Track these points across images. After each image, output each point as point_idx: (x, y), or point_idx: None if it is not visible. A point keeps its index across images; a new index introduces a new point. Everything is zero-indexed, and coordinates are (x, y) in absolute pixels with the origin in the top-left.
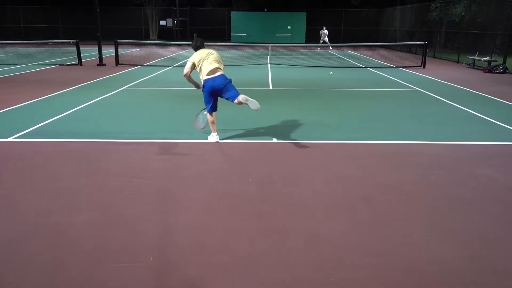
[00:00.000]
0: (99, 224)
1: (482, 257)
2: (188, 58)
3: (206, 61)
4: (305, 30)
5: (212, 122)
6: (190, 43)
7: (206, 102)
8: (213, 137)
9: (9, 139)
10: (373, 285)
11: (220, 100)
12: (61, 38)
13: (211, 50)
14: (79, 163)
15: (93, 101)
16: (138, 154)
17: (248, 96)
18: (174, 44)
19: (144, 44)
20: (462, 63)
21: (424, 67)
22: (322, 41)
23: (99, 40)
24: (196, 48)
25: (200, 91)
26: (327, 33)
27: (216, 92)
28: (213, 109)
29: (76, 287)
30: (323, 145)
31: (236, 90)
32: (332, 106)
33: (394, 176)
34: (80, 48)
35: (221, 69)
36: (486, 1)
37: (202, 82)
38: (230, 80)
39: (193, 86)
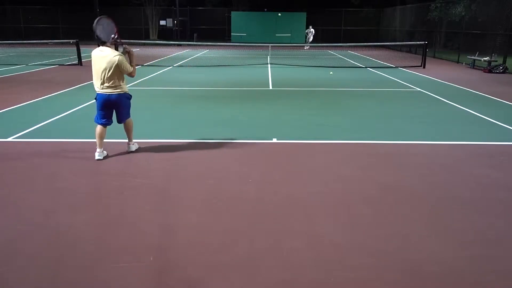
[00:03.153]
0: (99, 224)
1: (482, 257)
2: (188, 58)
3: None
4: (305, 30)
5: (100, 136)
6: (190, 43)
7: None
8: (97, 154)
9: (9, 139)
10: (373, 285)
11: (219, 101)
12: (61, 38)
13: (103, 49)
14: (79, 163)
15: (93, 101)
16: (138, 154)
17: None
18: (174, 44)
19: (144, 44)
20: (462, 63)
21: (424, 67)
22: (308, 40)
23: None
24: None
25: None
26: (313, 32)
27: (109, 106)
28: (102, 121)
29: (76, 287)
30: (323, 145)
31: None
32: (332, 106)
33: (394, 176)
34: (80, 48)
35: (116, 85)
36: (486, 1)
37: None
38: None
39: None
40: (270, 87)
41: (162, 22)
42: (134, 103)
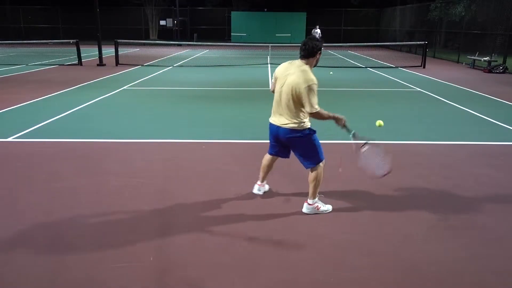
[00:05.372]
0: (99, 224)
1: (482, 257)
2: (188, 58)
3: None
4: (305, 30)
5: (264, 166)
6: (190, 43)
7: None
8: (256, 187)
9: (9, 139)
10: (373, 285)
11: (219, 101)
12: (61, 38)
13: (297, 65)
14: (79, 163)
15: (93, 101)
16: (138, 154)
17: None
18: (174, 44)
19: (144, 44)
20: (462, 63)
21: (424, 67)
22: None
23: (99, 40)
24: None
25: None
26: (319, 32)
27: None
28: (271, 150)
29: (76, 287)
30: (322, 145)
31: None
32: (332, 106)
33: (394, 176)
34: (80, 48)
35: (288, 116)
36: (486, 1)
37: None
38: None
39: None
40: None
41: (162, 22)
42: (134, 103)
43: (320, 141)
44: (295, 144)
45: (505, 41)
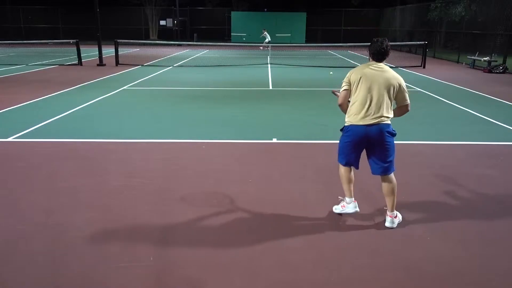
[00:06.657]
0: (99, 224)
1: (482, 257)
2: (188, 58)
3: (365, 86)
4: (305, 30)
5: (348, 181)
6: (190, 43)
7: (341, 152)
8: (348, 207)
9: (9, 139)
10: (373, 285)
11: (219, 101)
12: (61, 38)
13: (387, 71)
14: (79, 163)
15: (93, 101)
16: (138, 154)
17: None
18: (174, 44)
19: (144, 44)
20: (462, 63)
21: (424, 67)
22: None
23: (99, 40)
24: (373, 54)
25: None
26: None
27: (362, 145)
28: (348, 162)
29: (76, 287)
30: (323, 145)
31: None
32: (332, 106)
33: (394, 176)
34: (80, 48)
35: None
36: (486, 1)
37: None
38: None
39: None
40: (270, 87)
41: (162, 22)
42: (134, 103)
43: (319, 141)
44: (384, 142)
45: (505, 41)
